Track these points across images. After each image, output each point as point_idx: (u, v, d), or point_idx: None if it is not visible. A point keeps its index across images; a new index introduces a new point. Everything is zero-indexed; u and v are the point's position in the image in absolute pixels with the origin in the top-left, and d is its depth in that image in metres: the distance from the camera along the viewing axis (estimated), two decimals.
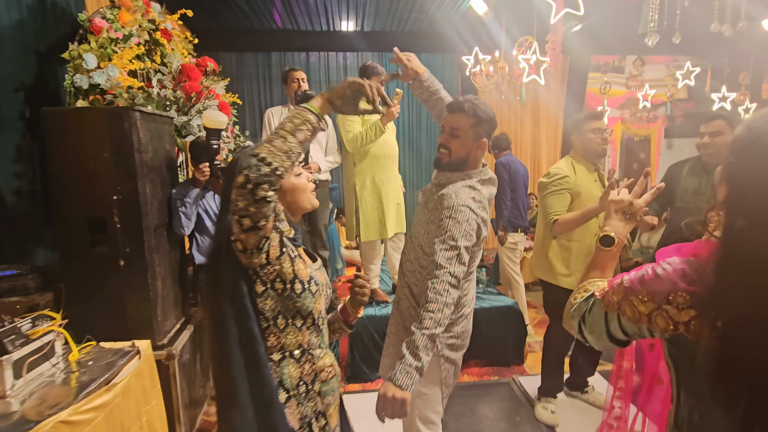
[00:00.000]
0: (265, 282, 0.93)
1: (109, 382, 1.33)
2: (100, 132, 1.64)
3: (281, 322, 0.96)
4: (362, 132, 2.50)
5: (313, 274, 1.01)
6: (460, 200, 1.27)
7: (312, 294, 0.98)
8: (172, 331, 1.92)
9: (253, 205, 0.85)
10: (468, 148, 1.36)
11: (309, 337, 1.00)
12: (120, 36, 2.37)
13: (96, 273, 1.70)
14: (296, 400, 0.96)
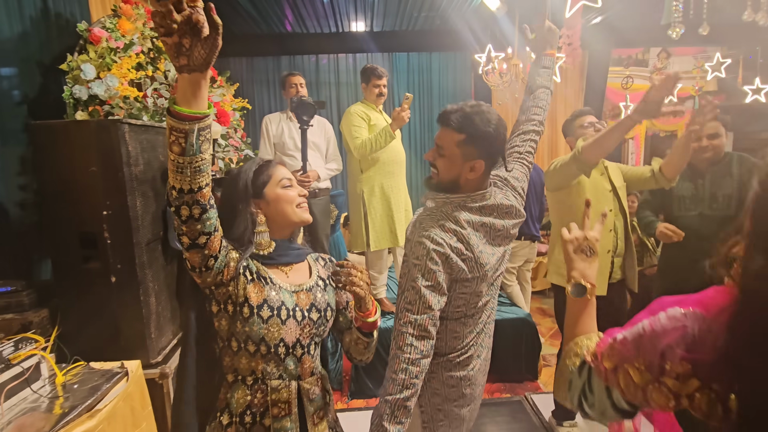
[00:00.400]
0: (219, 302, 0.94)
1: (92, 408, 1.28)
2: (88, 145, 1.60)
3: (234, 345, 0.95)
4: (371, 138, 2.41)
5: (274, 299, 0.95)
6: (419, 233, 1.08)
7: (262, 320, 0.93)
8: (168, 347, 1.87)
9: (183, 225, 0.85)
10: (456, 171, 1.12)
11: (264, 365, 0.95)
12: (120, 45, 2.35)
13: (88, 289, 1.66)
14: (236, 429, 0.93)
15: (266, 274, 0.98)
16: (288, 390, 0.96)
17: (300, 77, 2.63)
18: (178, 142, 0.79)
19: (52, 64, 2.38)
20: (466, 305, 1.13)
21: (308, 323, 0.99)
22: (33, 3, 2.32)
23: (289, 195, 1.03)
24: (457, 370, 1.17)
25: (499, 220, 1.14)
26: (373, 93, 2.54)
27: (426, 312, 1.02)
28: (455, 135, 1.11)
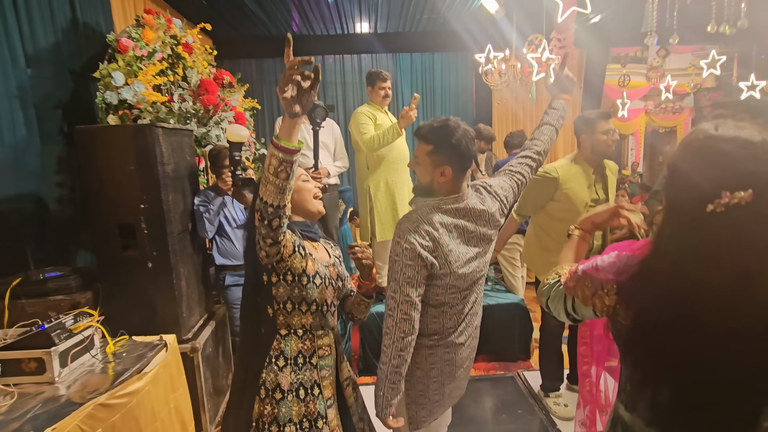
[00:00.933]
0: (279, 274, 1.15)
1: (140, 371, 1.51)
2: (126, 147, 1.82)
3: (289, 306, 1.18)
4: (379, 134, 2.58)
5: (321, 270, 1.21)
6: (398, 233, 1.24)
7: (316, 286, 1.18)
8: (196, 326, 2.10)
9: (272, 232, 1.06)
10: (429, 176, 1.29)
11: (312, 320, 1.20)
12: (145, 53, 2.57)
13: (127, 274, 1.89)
14: (291, 368, 1.17)
15: (310, 250, 1.22)
16: (329, 336, 1.25)
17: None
18: (285, 170, 0.99)
19: (82, 71, 2.61)
20: (444, 296, 1.27)
21: (337, 289, 1.27)
22: (64, 14, 2.53)
23: (308, 187, 1.26)
24: (437, 351, 1.32)
25: (471, 224, 1.28)
26: (379, 95, 2.72)
27: (405, 300, 1.21)
28: (425, 146, 1.29)
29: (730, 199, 0.64)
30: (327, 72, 5.42)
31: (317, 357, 1.20)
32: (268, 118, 5.36)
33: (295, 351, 1.19)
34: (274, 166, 0.99)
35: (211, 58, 3.33)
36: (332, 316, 1.28)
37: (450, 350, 1.34)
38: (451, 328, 1.33)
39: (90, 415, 1.23)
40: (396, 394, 1.25)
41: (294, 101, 0.96)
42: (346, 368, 1.34)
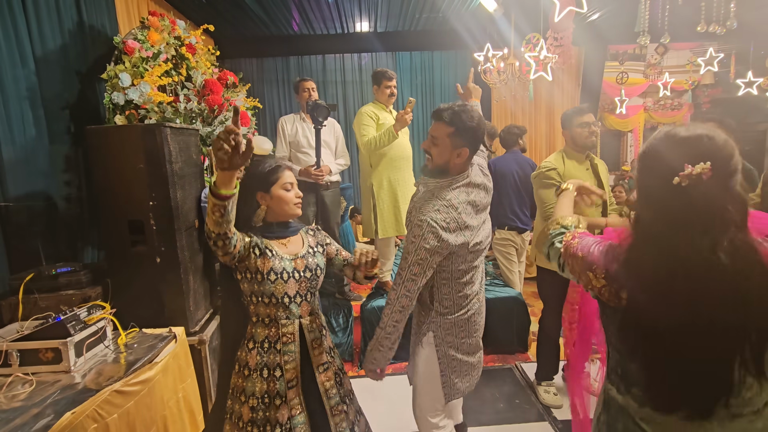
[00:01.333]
0: (241, 272, 1.33)
1: (151, 361, 1.57)
2: (136, 146, 1.87)
3: (254, 299, 1.35)
4: (376, 137, 2.64)
5: (278, 266, 1.33)
6: (417, 216, 1.35)
7: (271, 282, 1.32)
8: (203, 320, 2.16)
9: (219, 249, 1.27)
10: (446, 157, 1.38)
11: (275, 310, 1.35)
12: (150, 54, 2.63)
13: (136, 269, 1.95)
14: (257, 351, 1.34)
15: (270, 247, 1.34)
16: (292, 325, 1.36)
17: (312, 82, 2.87)
18: (219, 211, 1.17)
19: (88, 73, 2.67)
20: (466, 268, 1.41)
21: (304, 280, 1.37)
22: (70, 17, 2.59)
23: (289, 196, 1.37)
24: (465, 325, 1.47)
25: (478, 196, 1.43)
26: (385, 93, 2.77)
27: (412, 279, 1.33)
28: (446, 128, 1.37)
29: (692, 171, 0.74)
30: (327, 71, 5.47)
31: (281, 343, 1.34)
32: (269, 116, 5.42)
33: (262, 336, 1.35)
34: (210, 207, 1.18)
35: (213, 59, 3.39)
36: (298, 306, 1.37)
37: (475, 320, 1.50)
38: (473, 299, 1.48)
39: (107, 400, 1.29)
40: (383, 356, 1.43)
41: (226, 159, 1.09)
42: (322, 355, 1.42)
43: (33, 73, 2.20)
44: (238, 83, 3.03)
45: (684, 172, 0.75)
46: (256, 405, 1.31)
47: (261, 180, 1.35)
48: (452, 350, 1.47)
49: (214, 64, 3.36)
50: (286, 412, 1.31)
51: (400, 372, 2.70)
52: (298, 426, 1.31)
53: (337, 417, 1.39)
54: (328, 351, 1.45)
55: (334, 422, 1.38)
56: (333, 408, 1.39)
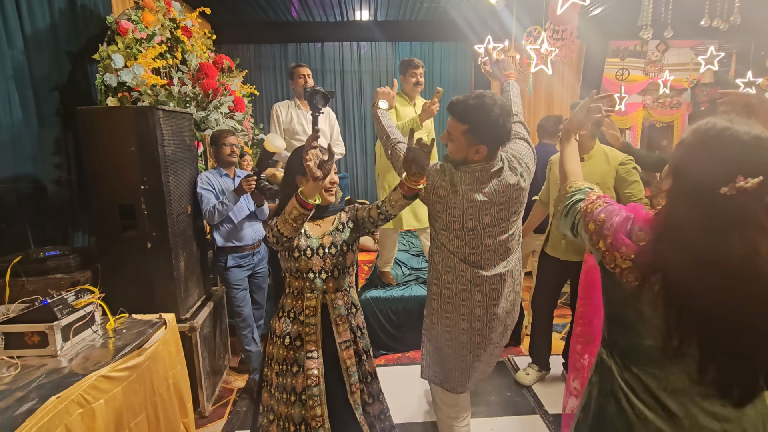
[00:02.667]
0: (281, 251, 1.43)
1: (140, 347, 1.55)
2: (127, 129, 1.83)
3: (287, 273, 1.46)
4: (399, 126, 2.54)
5: (304, 244, 1.40)
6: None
7: (294, 258, 1.40)
8: (194, 306, 2.14)
9: (283, 247, 1.37)
10: (463, 153, 1.31)
11: (303, 284, 1.42)
12: (144, 36, 2.56)
13: (127, 254, 1.92)
14: (285, 320, 1.44)
15: (308, 228, 1.43)
16: (316, 300, 1.41)
17: (307, 69, 2.81)
18: (303, 219, 1.26)
19: (80, 53, 2.60)
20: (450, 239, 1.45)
21: (328, 256, 1.42)
22: None
23: (323, 184, 1.38)
24: (450, 302, 1.49)
25: (500, 183, 1.33)
26: (410, 82, 2.70)
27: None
28: (459, 125, 1.28)
29: (744, 183, 0.71)
30: (326, 59, 5.40)
31: (304, 315, 1.41)
32: (266, 103, 5.35)
33: (290, 307, 1.44)
34: (294, 216, 1.25)
35: (209, 43, 3.33)
36: (323, 282, 1.42)
37: (455, 298, 1.48)
38: (453, 274, 1.46)
39: (93, 385, 1.27)
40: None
41: (315, 169, 1.21)
42: (347, 332, 1.45)
43: (21, 53, 2.14)
44: (234, 68, 2.97)
45: (736, 184, 0.71)
46: (279, 370, 1.41)
47: (300, 164, 1.32)
48: (433, 326, 1.50)
49: (210, 49, 3.29)
50: (302, 381, 1.37)
51: (393, 363, 2.70)
52: (313, 397, 1.36)
53: (355, 394, 1.43)
54: (354, 330, 1.48)
55: (352, 399, 1.42)
56: (352, 385, 1.42)
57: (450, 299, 1.45)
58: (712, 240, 0.75)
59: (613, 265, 0.87)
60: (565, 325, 3.16)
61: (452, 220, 1.37)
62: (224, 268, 2.28)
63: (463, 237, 1.38)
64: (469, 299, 1.43)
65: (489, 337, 1.47)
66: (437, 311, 1.49)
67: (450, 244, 1.41)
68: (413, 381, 2.45)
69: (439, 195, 1.37)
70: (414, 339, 2.77)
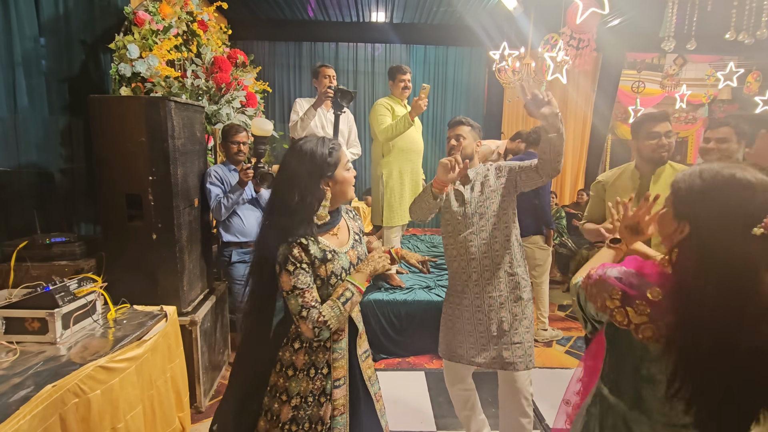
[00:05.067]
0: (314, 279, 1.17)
1: (140, 339, 1.54)
2: (138, 118, 1.83)
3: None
4: (392, 124, 2.66)
5: (337, 267, 1.18)
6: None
7: (332, 285, 1.17)
8: (196, 300, 2.13)
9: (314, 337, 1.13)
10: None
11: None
12: (160, 28, 2.57)
13: (132, 244, 1.91)
14: (305, 351, 1.20)
15: (327, 246, 1.16)
16: (345, 322, 1.24)
17: (332, 70, 2.80)
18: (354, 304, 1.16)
19: (94, 43, 2.60)
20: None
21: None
22: None
23: (351, 177, 1.21)
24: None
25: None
26: (399, 87, 2.79)
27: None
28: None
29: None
30: (340, 59, 5.39)
31: (331, 341, 1.21)
32: (278, 101, 5.36)
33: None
34: (353, 301, 1.14)
35: (225, 38, 3.34)
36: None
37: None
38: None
39: (90, 375, 1.26)
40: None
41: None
42: (365, 342, 1.34)
43: (35, 40, 2.14)
44: (248, 63, 2.97)
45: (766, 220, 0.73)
46: (298, 404, 1.19)
47: (324, 165, 1.14)
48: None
49: (225, 43, 3.30)
50: (329, 411, 1.20)
51: (392, 368, 2.67)
52: (338, 427, 1.21)
53: (379, 403, 1.33)
54: (366, 348, 1.36)
55: (377, 407, 1.31)
56: (376, 394, 1.32)
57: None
58: (737, 282, 0.75)
59: (626, 322, 0.84)
60: (570, 338, 3.10)
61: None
62: (228, 263, 2.27)
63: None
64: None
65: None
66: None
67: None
68: (413, 387, 2.41)
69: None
70: (415, 344, 2.74)
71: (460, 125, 1.72)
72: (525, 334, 1.66)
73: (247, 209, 2.33)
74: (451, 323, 1.73)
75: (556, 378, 2.47)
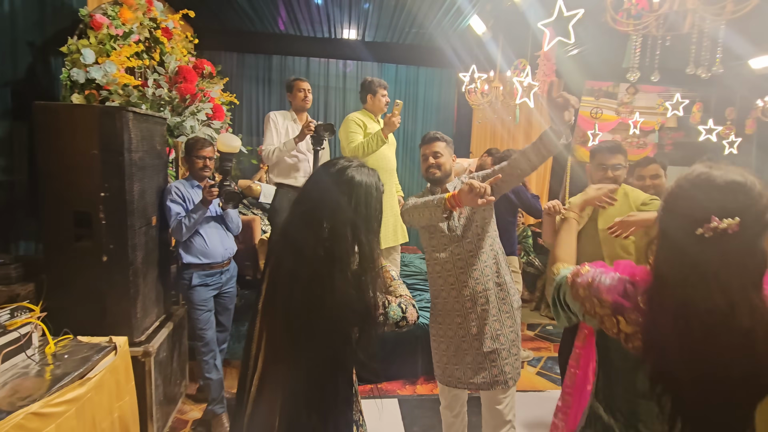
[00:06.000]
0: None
1: (83, 377, 1.36)
2: (91, 129, 1.67)
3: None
4: (364, 142, 2.52)
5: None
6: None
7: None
8: (151, 328, 1.94)
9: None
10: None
11: None
12: (120, 33, 2.41)
13: (78, 267, 1.72)
14: (357, 399, 1.09)
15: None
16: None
17: (308, 83, 2.71)
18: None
19: (44, 45, 2.40)
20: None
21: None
22: None
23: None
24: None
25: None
26: (381, 102, 2.69)
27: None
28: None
29: (718, 224, 0.70)
30: (311, 75, 5.34)
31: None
32: (246, 114, 5.21)
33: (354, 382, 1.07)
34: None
35: (191, 47, 3.19)
36: None
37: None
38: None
39: (19, 425, 1.08)
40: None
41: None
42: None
43: None
44: (215, 74, 2.84)
45: (710, 225, 0.70)
46: None
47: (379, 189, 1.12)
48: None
49: (191, 53, 3.16)
50: None
51: (364, 396, 2.55)
52: None
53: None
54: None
55: None
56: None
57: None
58: (692, 291, 0.73)
59: (616, 330, 0.81)
60: (540, 359, 3.11)
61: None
62: (188, 286, 2.10)
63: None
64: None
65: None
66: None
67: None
68: (386, 416, 2.31)
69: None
70: (389, 369, 2.65)
71: (436, 141, 1.68)
72: (520, 346, 1.66)
73: (212, 227, 2.17)
74: (445, 345, 1.65)
75: (529, 400, 2.45)
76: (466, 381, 1.61)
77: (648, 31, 2.00)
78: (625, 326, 0.79)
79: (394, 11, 4.28)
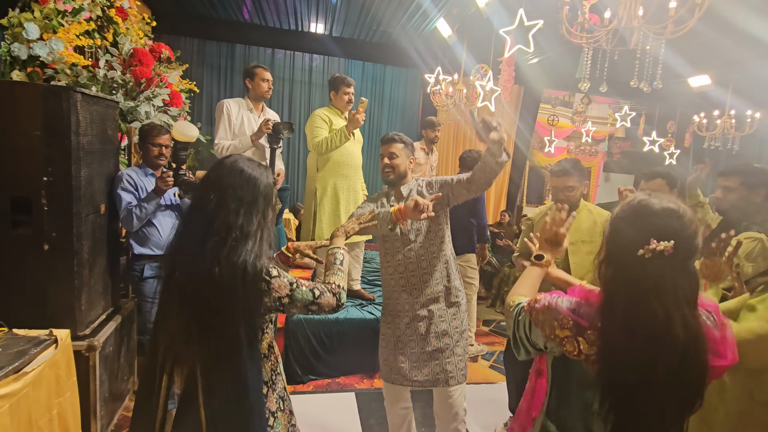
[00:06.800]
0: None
1: (18, 371, 1.28)
2: (33, 108, 1.56)
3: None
4: (327, 138, 2.53)
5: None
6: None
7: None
8: (97, 321, 1.85)
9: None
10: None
11: (271, 334, 1.11)
12: (69, 9, 2.27)
13: (16, 256, 1.61)
14: (270, 389, 1.05)
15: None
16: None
17: (270, 74, 2.63)
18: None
19: None
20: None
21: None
22: None
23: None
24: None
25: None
26: (343, 100, 2.67)
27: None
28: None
29: (656, 246, 0.79)
30: (275, 66, 5.24)
31: (279, 364, 1.11)
32: (206, 103, 5.03)
33: (269, 371, 1.06)
34: (346, 261, 1.16)
35: (148, 29, 3.04)
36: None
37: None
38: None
39: None
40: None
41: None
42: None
43: None
44: (174, 59, 2.73)
45: (649, 246, 0.80)
46: None
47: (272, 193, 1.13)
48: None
49: (148, 35, 3.01)
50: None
51: (321, 390, 2.56)
52: None
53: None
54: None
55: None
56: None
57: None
58: (635, 306, 0.81)
59: (576, 352, 0.85)
60: (493, 353, 3.24)
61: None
62: (139, 278, 2.01)
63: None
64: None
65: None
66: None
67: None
68: (343, 409, 2.32)
69: None
70: (346, 363, 2.66)
71: (393, 142, 1.68)
72: (465, 346, 1.69)
73: (166, 217, 2.09)
74: (392, 344, 1.68)
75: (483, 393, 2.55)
76: (411, 379, 1.65)
77: (599, 44, 2.15)
78: (586, 347, 0.84)
79: (362, 9, 4.29)
